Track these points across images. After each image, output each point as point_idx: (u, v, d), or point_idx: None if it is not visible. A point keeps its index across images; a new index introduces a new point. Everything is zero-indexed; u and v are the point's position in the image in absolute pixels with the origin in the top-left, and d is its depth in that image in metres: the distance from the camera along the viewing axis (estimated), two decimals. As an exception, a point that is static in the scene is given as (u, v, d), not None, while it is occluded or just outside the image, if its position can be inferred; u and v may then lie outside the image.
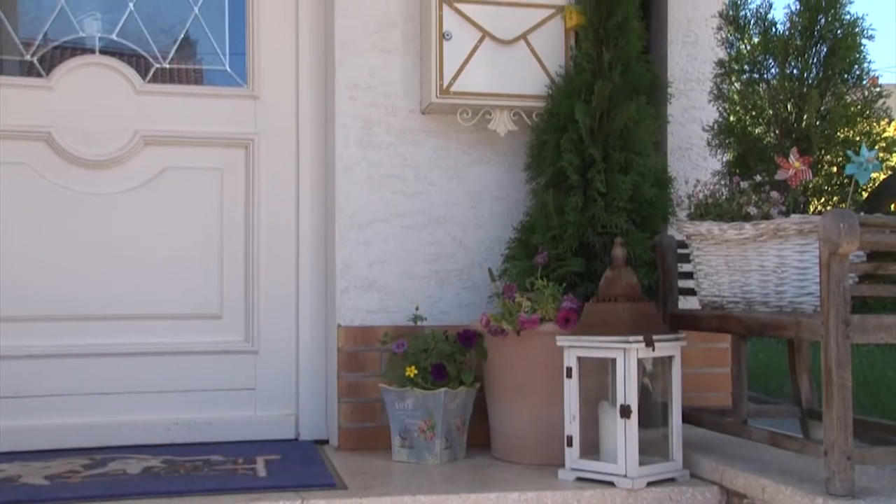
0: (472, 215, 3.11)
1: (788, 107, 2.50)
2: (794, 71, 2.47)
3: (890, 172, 2.47)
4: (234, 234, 3.14)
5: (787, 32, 2.48)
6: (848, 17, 2.41)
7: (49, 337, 2.99)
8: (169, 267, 3.09)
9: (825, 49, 2.44)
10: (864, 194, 2.47)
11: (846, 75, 2.42)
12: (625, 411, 2.43)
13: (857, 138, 2.43)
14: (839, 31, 2.40)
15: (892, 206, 2.45)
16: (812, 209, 2.52)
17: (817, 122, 2.44)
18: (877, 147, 2.48)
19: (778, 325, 2.29)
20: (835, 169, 2.48)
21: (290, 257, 3.16)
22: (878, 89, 2.50)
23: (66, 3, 3.09)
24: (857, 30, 2.39)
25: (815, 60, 2.46)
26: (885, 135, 2.55)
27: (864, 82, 2.44)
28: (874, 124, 2.45)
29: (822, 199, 2.50)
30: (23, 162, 3.00)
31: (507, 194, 3.12)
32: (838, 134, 2.42)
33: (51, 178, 3.02)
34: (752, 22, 2.57)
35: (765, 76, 2.57)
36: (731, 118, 2.71)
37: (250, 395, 3.14)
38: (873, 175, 2.32)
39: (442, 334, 2.84)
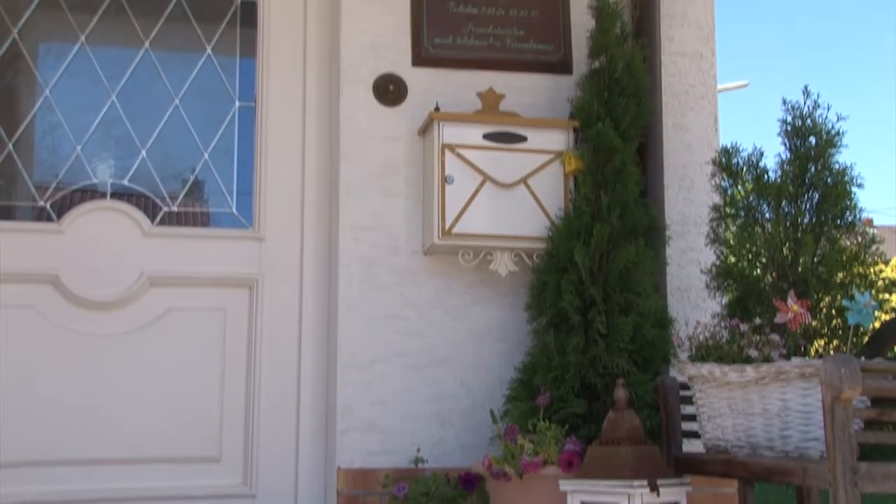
0: (473, 355, 3.11)
1: (784, 251, 2.54)
2: (789, 216, 2.52)
3: (891, 316, 2.49)
4: (236, 374, 3.13)
5: (779, 180, 2.55)
6: (837, 165, 2.49)
7: (45, 482, 2.95)
8: (168, 409, 3.07)
9: (817, 196, 2.50)
10: (865, 337, 2.48)
11: (839, 221, 2.47)
12: (631, 560, 2.36)
13: (854, 281, 2.45)
14: (829, 180, 2.46)
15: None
16: (813, 351, 2.53)
17: (813, 266, 2.48)
18: (875, 289, 2.50)
19: (784, 472, 2.25)
20: (833, 312, 2.49)
21: (290, 397, 3.14)
22: (872, 230, 2.55)
23: (82, 151, 3.20)
24: (846, 178, 2.46)
25: (807, 206, 2.52)
26: (883, 275, 2.58)
27: (857, 227, 2.49)
28: (870, 269, 2.48)
29: (823, 342, 2.51)
30: (30, 304, 3.03)
31: (508, 334, 3.13)
32: (835, 278, 2.45)
33: (55, 320, 3.05)
34: (744, 169, 2.64)
35: (759, 220, 2.62)
36: (731, 259, 2.74)
37: (247, 541, 3.07)
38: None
39: (443, 477, 2.80)
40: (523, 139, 3.07)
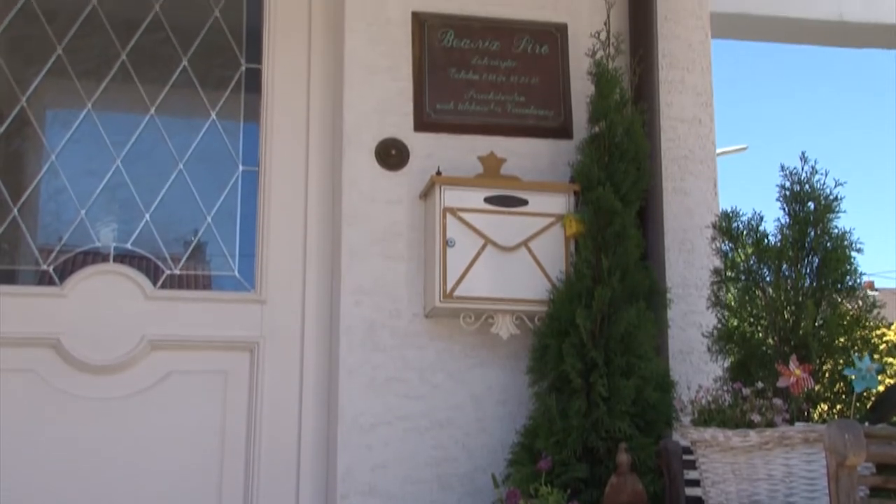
0: (475, 418, 3.09)
1: (785, 314, 2.55)
2: (789, 280, 2.54)
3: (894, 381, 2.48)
4: (236, 438, 3.11)
5: (779, 244, 2.57)
6: (836, 230, 2.51)
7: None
8: (168, 473, 3.05)
9: (817, 260, 2.51)
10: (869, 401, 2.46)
11: (839, 285, 2.48)
12: None
13: (856, 346, 2.45)
14: (829, 244, 2.48)
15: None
16: (817, 415, 2.51)
17: (815, 330, 2.48)
18: (878, 352, 2.50)
19: (789, 539, 2.23)
20: (836, 376, 2.49)
21: (290, 461, 3.11)
22: (874, 293, 2.56)
23: (86, 215, 3.23)
24: (845, 243, 2.48)
25: (808, 270, 2.53)
26: (886, 338, 2.58)
27: (858, 291, 2.49)
28: (871, 332, 2.48)
29: (826, 407, 2.50)
30: (30, 368, 3.02)
31: (509, 397, 3.11)
32: (837, 342, 2.45)
33: (55, 385, 3.04)
34: (744, 233, 2.66)
35: (760, 284, 2.63)
36: (733, 321, 2.75)
37: None
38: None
39: (445, 543, 2.76)
40: (524, 203, 3.09)
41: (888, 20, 4.00)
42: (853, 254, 2.49)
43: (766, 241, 2.62)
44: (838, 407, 2.47)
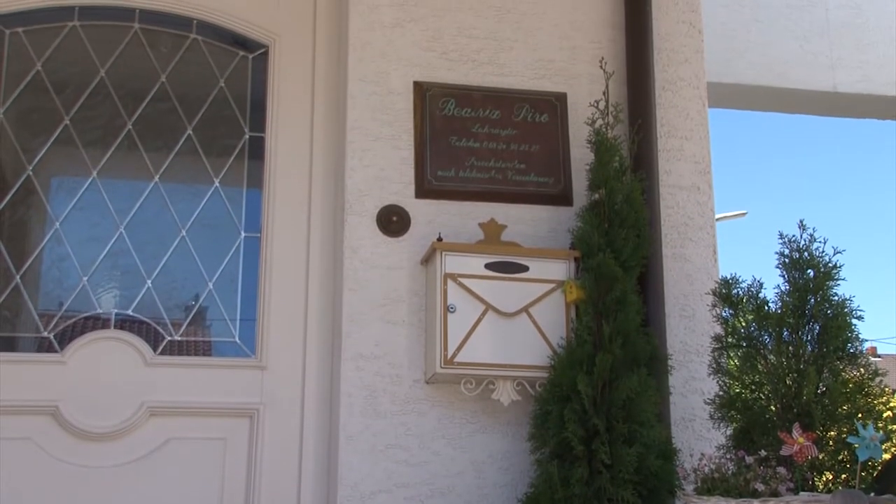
0: (476, 486, 3.06)
1: (788, 381, 2.54)
2: (790, 347, 2.53)
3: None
4: (234, 506, 3.08)
5: (779, 310, 2.57)
6: (836, 298, 2.51)
7: None
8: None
9: (818, 327, 2.51)
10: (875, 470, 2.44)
11: (840, 352, 2.48)
12: None
13: (859, 414, 2.44)
14: (829, 312, 2.48)
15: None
16: (821, 484, 2.49)
17: (817, 398, 2.47)
18: (882, 420, 2.49)
19: None
20: (840, 444, 2.47)
21: (289, 530, 3.08)
22: (876, 359, 2.55)
23: (88, 282, 3.23)
24: (846, 310, 2.48)
25: (808, 338, 2.53)
26: (892, 404, 2.58)
27: (860, 359, 2.49)
28: (875, 400, 2.47)
29: (831, 476, 2.47)
30: (27, 437, 3.00)
31: (511, 464, 3.08)
32: (840, 410, 2.44)
33: (52, 453, 3.01)
34: (745, 299, 2.66)
35: (761, 350, 2.62)
36: (736, 388, 2.73)
37: None
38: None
39: None
40: (525, 269, 3.11)
41: (882, 92, 4.07)
42: (854, 321, 2.49)
43: (766, 307, 2.62)
44: (843, 476, 2.45)
